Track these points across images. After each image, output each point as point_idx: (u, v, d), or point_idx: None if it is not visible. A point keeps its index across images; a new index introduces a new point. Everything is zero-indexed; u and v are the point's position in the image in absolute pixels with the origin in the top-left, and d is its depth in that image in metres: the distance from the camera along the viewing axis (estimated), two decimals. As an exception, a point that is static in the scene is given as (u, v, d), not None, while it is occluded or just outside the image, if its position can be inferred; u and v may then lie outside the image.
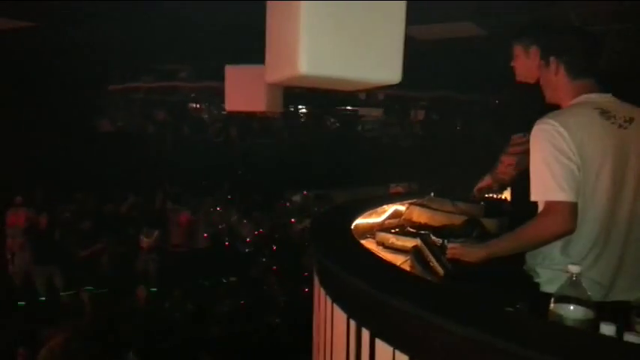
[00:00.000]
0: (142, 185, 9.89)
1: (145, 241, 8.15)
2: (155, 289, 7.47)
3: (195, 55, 8.15)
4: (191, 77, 8.95)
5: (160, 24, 5.66)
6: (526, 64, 2.50)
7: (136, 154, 10.67)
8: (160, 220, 8.69)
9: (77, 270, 7.63)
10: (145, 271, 7.99)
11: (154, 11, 5.06)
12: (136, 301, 6.83)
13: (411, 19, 1.62)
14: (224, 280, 7.94)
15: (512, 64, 2.57)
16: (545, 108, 2.00)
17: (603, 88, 1.91)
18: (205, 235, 8.83)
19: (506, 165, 2.52)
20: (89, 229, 8.39)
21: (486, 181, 2.74)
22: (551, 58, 1.93)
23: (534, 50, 2.47)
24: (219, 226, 9.35)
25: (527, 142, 2.16)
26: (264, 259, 8.35)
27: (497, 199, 3.23)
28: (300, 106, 11.51)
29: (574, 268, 1.45)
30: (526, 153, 2.07)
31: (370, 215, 3.37)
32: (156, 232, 8.22)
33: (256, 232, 9.27)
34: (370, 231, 3.27)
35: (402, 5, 1.62)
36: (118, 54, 8.09)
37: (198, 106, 10.78)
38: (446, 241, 2.33)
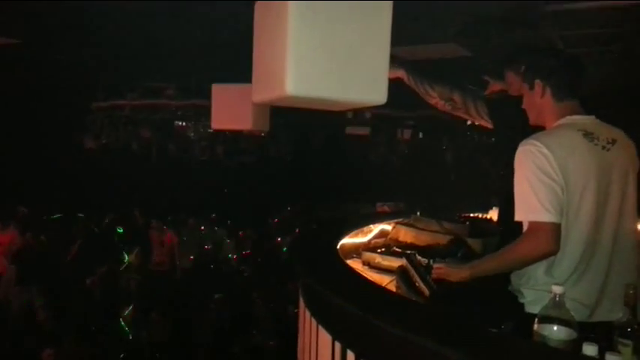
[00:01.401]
0: (126, 203, 9.78)
1: (128, 258, 8.03)
2: (137, 310, 7.33)
3: (182, 72, 8.16)
4: (177, 95, 8.95)
5: (146, 41, 5.67)
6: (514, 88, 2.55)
7: (121, 171, 10.59)
8: (142, 238, 8.58)
9: (59, 291, 7.47)
10: (127, 290, 7.85)
11: (140, 28, 5.07)
12: (117, 322, 6.70)
13: (398, 40, 1.64)
14: (208, 300, 7.83)
15: (509, 81, 2.61)
16: (528, 126, 2.03)
17: (586, 110, 1.95)
18: (191, 256, 8.74)
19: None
20: (72, 247, 8.25)
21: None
22: (537, 81, 1.95)
23: (510, 75, 2.53)
24: (205, 246, 9.26)
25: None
26: (249, 279, 8.28)
27: (482, 218, 3.26)
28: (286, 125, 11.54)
29: (557, 289, 1.46)
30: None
31: (356, 235, 3.38)
32: (137, 250, 8.10)
33: (243, 252, 9.20)
34: (356, 251, 3.27)
35: (388, 27, 1.64)
36: (103, 71, 8.08)
37: (184, 124, 10.76)
38: (432, 260, 2.34)
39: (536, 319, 1.48)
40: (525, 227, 1.82)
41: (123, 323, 6.70)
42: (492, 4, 3.42)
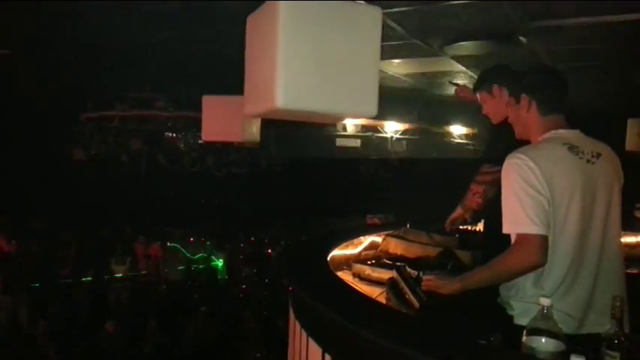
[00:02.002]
0: (115, 215, 9.72)
1: (116, 270, 7.96)
2: (125, 322, 7.25)
3: (172, 84, 8.16)
4: (167, 106, 8.92)
5: (137, 51, 5.66)
6: (494, 104, 2.58)
7: (110, 183, 10.52)
8: (131, 250, 8.52)
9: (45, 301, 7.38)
10: (116, 302, 7.77)
11: (130, 38, 5.07)
12: (104, 335, 6.61)
13: (387, 53, 1.66)
14: (197, 312, 7.77)
15: (483, 112, 2.66)
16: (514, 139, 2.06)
17: (570, 124, 1.98)
18: (179, 268, 8.68)
19: (473, 193, 2.56)
20: (60, 257, 8.17)
21: (458, 212, 2.78)
22: (523, 96, 1.98)
23: (496, 89, 2.56)
24: (194, 258, 9.21)
25: (496, 172, 2.21)
26: (239, 291, 8.23)
27: (471, 230, 3.28)
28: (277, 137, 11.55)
29: (545, 301, 1.47)
30: (494, 183, 2.11)
31: (347, 247, 3.38)
32: (128, 259, 8.04)
33: (233, 264, 9.15)
34: (347, 262, 3.27)
35: (377, 41, 1.66)
36: (92, 81, 8.05)
37: (174, 135, 10.71)
38: (421, 273, 2.35)
39: (524, 332, 1.49)
40: (513, 240, 1.84)
41: (108, 335, 6.62)
42: (480, 20, 3.47)
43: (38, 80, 7.77)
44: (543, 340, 1.44)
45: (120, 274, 7.94)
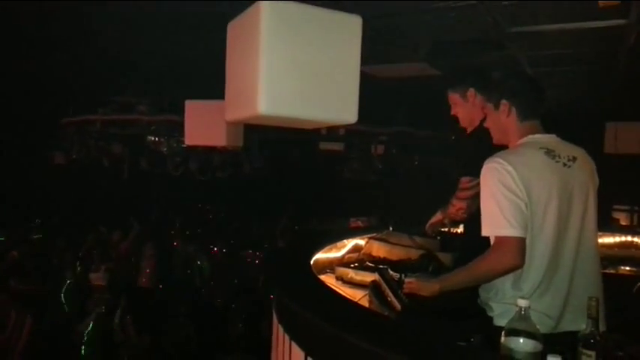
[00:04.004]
0: (96, 220, 9.60)
1: (93, 277, 7.80)
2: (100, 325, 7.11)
3: (155, 87, 8.11)
4: (149, 110, 8.84)
5: (119, 55, 5.63)
6: (466, 108, 2.60)
7: (92, 187, 10.41)
8: (111, 254, 8.39)
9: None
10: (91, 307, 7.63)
11: (112, 43, 5.04)
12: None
13: (371, 59, 1.69)
14: (179, 317, 7.71)
15: (452, 112, 2.67)
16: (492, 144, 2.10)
17: (549, 128, 2.03)
18: (163, 272, 8.57)
19: (457, 209, 2.58)
20: (38, 264, 8.02)
21: (437, 217, 2.81)
22: (503, 102, 2.02)
23: (472, 93, 2.57)
24: (177, 262, 9.13)
25: (476, 185, 2.26)
26: (222, 295, 8.18)
27: (452, 233, 3.32)
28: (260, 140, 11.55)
29: (522, 302, 1.50)
30: (476, 196, 2.15)
31: (330, 250, 3.40)
32: (103, 267, 7.87)
33: (217, 268, 9.09)
34: (330, 266, 3.29)
35: (357, 47, 1.69)
36: (73, 85, 7.97)
37: (156, 139, 10.62)
38: (403, 275, 2.37)
39: (503, 333, 1.52)
40: (492, 242, 1.87)
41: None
42: (460, 25, 3.53)
43: (19, 84, 7.67)
44: (521, 340, 1.47)
45: (97, 278, 7.78)
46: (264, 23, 1.47)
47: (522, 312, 1.50)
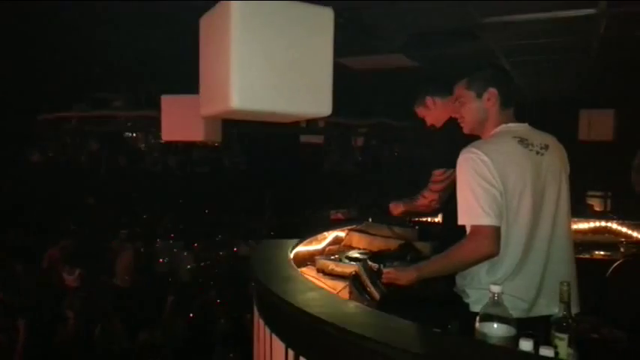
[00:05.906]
0: (74, 219, 9.47)
1: (68, 280, 7.68)
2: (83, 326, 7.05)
3: (130, 83, 8.01)
4: (126, 106, 8.72)
5: (94, 50, 5.55)
6: (433, 114, 2.77)
7: (69, 185, 10.25)
8: (91, 254, 8.29)
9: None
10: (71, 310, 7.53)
11: (86, 38, 4.96)
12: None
13: (346, 51, 1.70)
14: (164, 314, 7.67)
15: (428, 124, 2.79)
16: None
17: (524, 116, 2.07)
18: (146, 270, 8.50)
19: (429, 200, 2.64)
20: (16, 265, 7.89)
21: (399, 207, 2.89)
22: (490, 89, 2.02)
23: (429, 100, 2.76)
24: (160, 259, 9.06)
25: (448, 177, 2.30)
26: (205, 290, 8.15)
27: (430, 222, 3.37)
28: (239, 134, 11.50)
29: (495, 288, 1.54)
30: (448, 188, 2.19)
31: (311, 242, 3.40)
32: (77, 271, 7.74)
33: (202, 264, 9.05)
34: (311, 258, 3.30)
35: (330, 40, 1.69)
36: (49, 81, 7.82)
37: (134, 135, 10.50)
38: (382, 265, 2.41)
39: (477, 318, 1.55)
40: (468, 231, 1.91)
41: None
42: (435, 17, 3.55)
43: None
44: (495, 325, 1.50)
45: (72, 281, 7.67)
46: (235, 17, 1.47)
47: (495, 298, 1.53)
